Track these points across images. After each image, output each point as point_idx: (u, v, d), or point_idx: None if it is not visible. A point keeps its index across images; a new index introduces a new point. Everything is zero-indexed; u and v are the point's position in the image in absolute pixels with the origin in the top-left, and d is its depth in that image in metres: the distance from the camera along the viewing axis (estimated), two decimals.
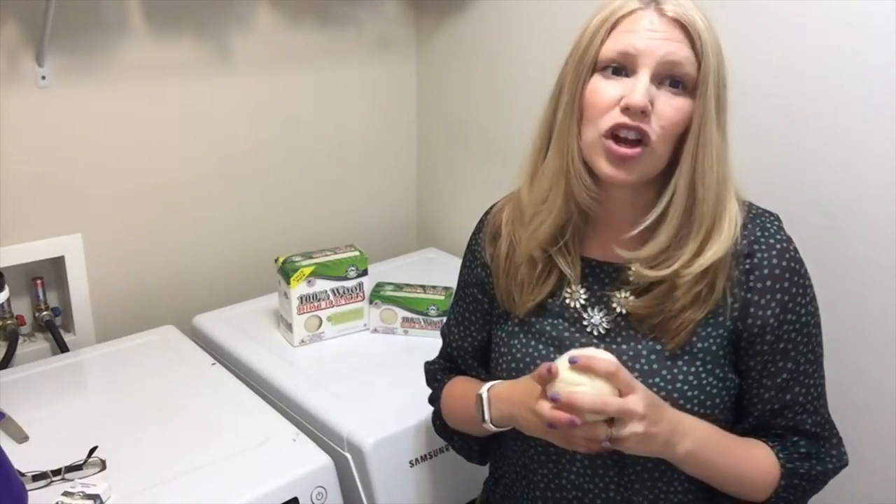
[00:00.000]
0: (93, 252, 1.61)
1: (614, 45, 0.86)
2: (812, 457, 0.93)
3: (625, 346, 0.93)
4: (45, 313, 1.59)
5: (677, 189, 0.87)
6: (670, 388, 0.90)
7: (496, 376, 1.01)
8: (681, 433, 0.86)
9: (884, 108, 1.15)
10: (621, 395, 0.82)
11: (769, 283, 0.89)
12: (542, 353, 0.97)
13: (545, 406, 0.84)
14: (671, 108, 0.85)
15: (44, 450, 1.16)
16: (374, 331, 1.58)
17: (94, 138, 1.58)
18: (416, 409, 1.25)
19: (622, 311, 0.94)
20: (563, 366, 0.84)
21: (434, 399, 1.15)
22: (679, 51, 0.85)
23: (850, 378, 1.25)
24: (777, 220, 0.95)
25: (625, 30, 0.86)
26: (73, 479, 1.08)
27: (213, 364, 1.46)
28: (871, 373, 1.24)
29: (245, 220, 1.83)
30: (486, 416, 0.96)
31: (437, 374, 1.17)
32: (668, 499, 0.94)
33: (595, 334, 0.95)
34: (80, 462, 1.11)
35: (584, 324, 0.96)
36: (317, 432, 1.28)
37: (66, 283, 1.59)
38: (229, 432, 1.23)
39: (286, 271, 1.50)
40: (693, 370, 0.90)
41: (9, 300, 1.54)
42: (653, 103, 0.85)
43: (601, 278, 0.96)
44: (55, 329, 1.58)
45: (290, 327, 1.52)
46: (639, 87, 0.84)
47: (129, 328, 1.60)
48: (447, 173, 2.03)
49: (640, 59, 0.85)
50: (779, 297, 0.89)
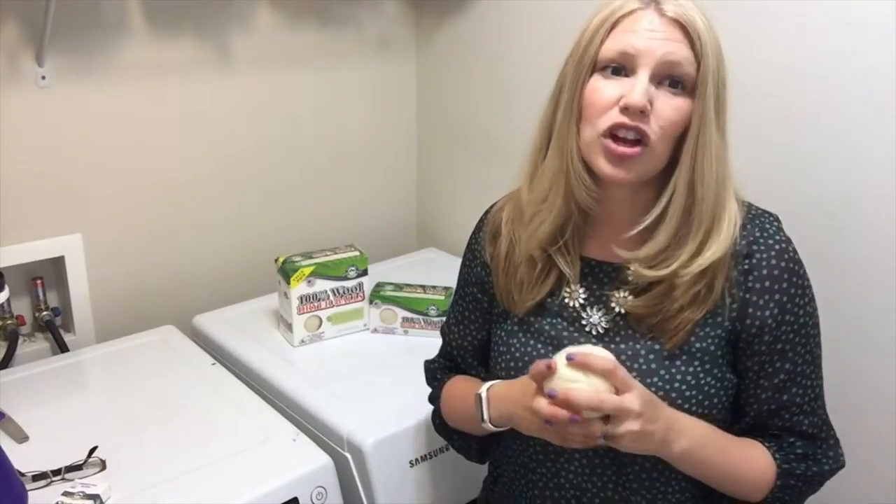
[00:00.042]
0: (93, 252, 1.61)
1: (614, 45, 0.86)
2: (808, 458, 0.93)
3: (623, 346, 0.93)
4: (45, 313, 1.59)
5: (676, 189, 0.87)
6: (668, 387, 0.90)
7: (495, 375, 1.02)
8: (677, 432, 0.86)
9: (884, 108, 1.15)
10: (618, 392, 0.82)
11: (768, 284, 0.89)
12: (541, 352, 0.97)
13: (542, 402, 0.84)
14: (670, 108, 0.85)
15: (44, 450, 1.16)
16: (374, 331, 1.58)
17: (94, 138, 1.58)
18: (416, 409, 1.25)
19: (621, 311, 0.94)
20: (560, 363, 0.84)
21: (434, 398, 1.15)
22: (678, 51, 0.85)
23: (850, 378, 1.25)
24: (776, 220, 0.95)
25: (624, 30, 0.86)
26: (73, 479, 1.08)
27: (213, 364, 1.46)
28: (871, 373, 1.24)
29: (245, 220, 1.83)
30: (485, 415, 0.96)
31: (436, 373, 1.17)
32: (666, 498, 0.94)
33: (594, 334, 0.95)
34: (80, 462, 1.11)
35: (583, 323, 0.96)
36: (317, 432, 1.28)
37: (66, 283, 1.59)
38: (229, 432, 1.23)
39: (286, 271, 1.50)
40: (691, 370, 0.90)
41: (9, 300, 1.54)
42: (652, 103, 0.85)
43: (600, 278, 0.96)
44: (55, 329, 1.58)
45: (290, 327, 1.52)
46: (638, 87, 0.84)
47: (129, 328, 1.60)
48: (447, 173, 2.03)
49: (639, 59, 0.85)
50: (777, 297, 0.90)
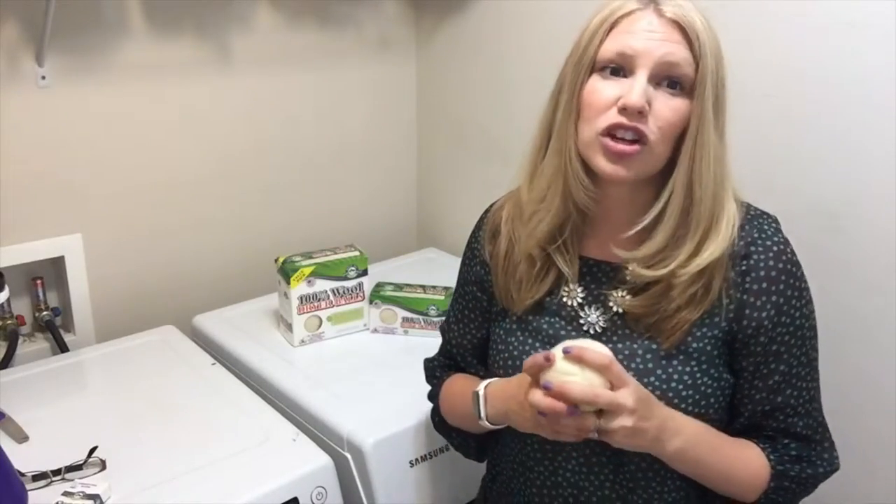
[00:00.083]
0: (93, 252, 1.61)
1: (612, 46, 0.86)
2: (803, 460, 0.93)
3: (621, 345, 0.93)
4: (45, 313, 1.59)
5: (675, 189, 0.88)
6: (665, 387, 0.90)
7: (493, 373, 1.02)
8: (671, 431, 0.86)
9: (884, 108, 1.15)
10: (613, 388, 0.82)
11: (765, 285, 0.90)
12: (539, 350, 0.96)
13: (538, 394, 0.84)
14: (668, 108, 0.85)
15: (44, 450, 1.16)
16: (374, 331, 1.58)
17: (94, 138, 1.58)
18: (416, 409, 1.25)
19: (619, 310, 0.94)
20: (557, 355, 0.84)
21: (433, 396, 1.16)
22: (677, 52, 0.85)
23: (850, 378, 1.25)
24: (775, 222, 0.95)
25: (623, 30, 0.86)
26: (73, 479, 1.09)
27: (213, 364, 1.46)
28: (871, 373, 1.24)
29: (245, 220, 1.83)
30: (483, 413, 0.97)
31: (436, 371, 1.17)
32: (663, 497, 0.95)
33: (592, 333, 0.95)
34: (80, 462, 1.11)
35: (581, 322, 0.96)
36: (317, 432, 1.28)
37: (66, 283, 1.60)
38: (229, 432, 1.23)
39: (286, 271, 1.50)
40: (688, 370, 0.90)
41: (9, 300, 1.54)
42: (650, 104, 0.85)
43: (598, 277, 0.96)
44: (55, 329, 1.58)
45: (290, 327, 1.52)
46: (636, 88, 0.84)
47: (129, 328, 1.60)
48: (447, 173, 2.03)
49: (637, 60, 0.85)
50: (774, 299, 0.90)
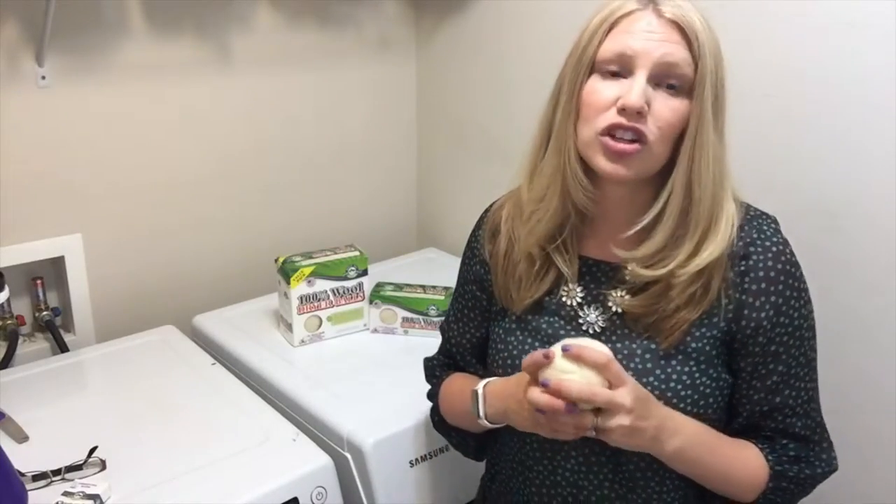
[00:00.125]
0: (93, 252, 1.61)
1: (612, 46, 0.86)
2: (801, 460, 0.93)
3: (620, 345, 0.93)
4: (45, 313, 1.59)
5: (674, 190, 0.88)
6: (664, 387, 0.90)
7: (493, 373, 1.02)
8: (670, 430, 0.86)
9: (884, 108, 1.15)
10: (611, 387, 0.82)
11: (764, 286, 0.90)
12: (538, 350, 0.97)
13: (536, 392, 0.84)
14: (668, 109, 0.85)
15: (44, 450, 1.16)
16: (374, 331, 1.58)
17: (94, 138, 1.58)
18: (416, 409, 1.25)
19: (618, 310, 0.94)
20: (556, 353, 0.84)
21: (432, 395, 1.16)
22: (676, 52, 0.85)
23: (850, 378, 1.25)
24: (774, 222, 0.95)
25: (622, 30, 0.86)
26: (73, 479, 1.09)
27: (213, 364, 1.46)
28: (871, 373, 1.24)
29: (245, 220, 1.83)
30: (481, 412, 0.97)
31: (435, 371, 1.17)
32: (662, 497, 0.95)
33: (591, 332, 0.95)
34: (80, 462, 1.11)
35: (580, 322, 0.96)
36: (317, 432, 1.28)
37: (66, 283, 1.60)
38: (229, 432, 1.23)
39: (286, 271, 1.50)
40: (687, 370, 0.90)
41: (9, 300, 1.54)
42: (649, 104, 0.85)
43: (598, 277, 0.96)
44: (55, 329, 1.58)
45: (290, 327, 1.52)
46: (635, 89, 0.84)
47: (129, 328, 1.60)
48: (447, 173, 2.03)
49: (636, 61, 0.85)
50: (773, 299, 0.90)
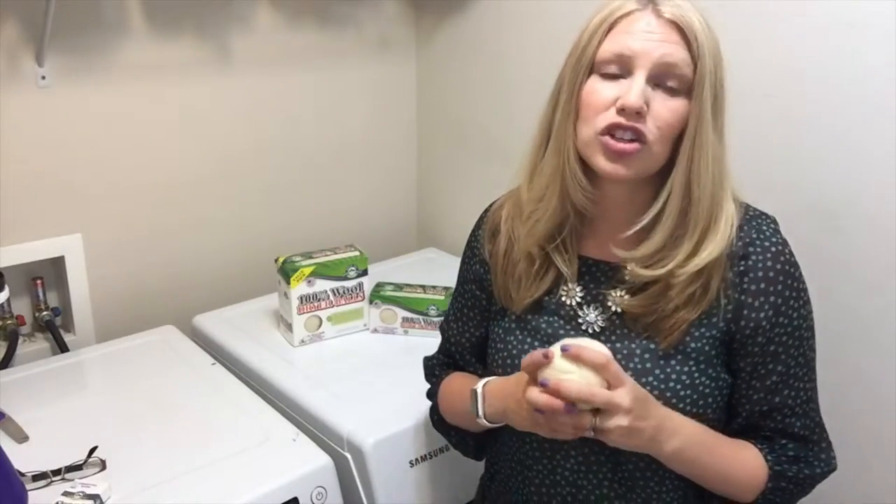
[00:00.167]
0: (93, 252, 1.61)
1: (611, 47, 0.87)
2: (800, 460, 0.93)
3: (619, 345, 0.93)
4: (45, 313, 1.59)
5: (673, 190, 0.88)
6: (663, 387, 0.90)
7: (492, 372, 1.02)
8: (668, 431, 0.86)
9: (884, 108, 1.15)
10: (610, 387, 0.82)
11: (763, 286, 0.90)
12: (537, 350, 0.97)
13: (535, 391, 0.84)
14: (667, 109, 0.85)
15: (44, 450, 1.16)
16: (374, 331, 1.58)
17: (94, 138, 1.58)
18: (415, 409, 1.25)
19: (617, 310, 0.94)
20: (556, 353, 0.84)
21: (432, 394, 1.16)
22: (675, 52, 0.85)
23: (850, 378, 1.25)
24: (773, 222, 0.95)
25: (622, 31, 0.87)
26: (73, 479, 1.09)
27: (213, 364, 1.46)
28: (871, 373, 1.24)
29: (245, 220, 1.83)
30: (480, 411, 0.97)
31: (435, 370, 1.17)
32: (661, 497, 0.95)
33: (590, 332, 0.95)
34: (80, 462, 1.11)
35: (580, 321, 0.96)
36: (317, 432, 1.28)
37: (66, 283, 1.60)
38: (229, 432, 1.23)
39: (286, 271, 1.50)
40: (686, 370, 0.90)
41: (9, 300, 1.54)
42: (648, 104, 0.85)
43: (597, 277, 0.97)
44: (55, 329, 1.58)
45: (290, 327, 1.52)
46: (634, 89, 0.84)
47: (129, 328, 1.60)
48: (447, 173, 2.03)
49: (636, 61, 0.85)
50: (772, 299, 0.90)
